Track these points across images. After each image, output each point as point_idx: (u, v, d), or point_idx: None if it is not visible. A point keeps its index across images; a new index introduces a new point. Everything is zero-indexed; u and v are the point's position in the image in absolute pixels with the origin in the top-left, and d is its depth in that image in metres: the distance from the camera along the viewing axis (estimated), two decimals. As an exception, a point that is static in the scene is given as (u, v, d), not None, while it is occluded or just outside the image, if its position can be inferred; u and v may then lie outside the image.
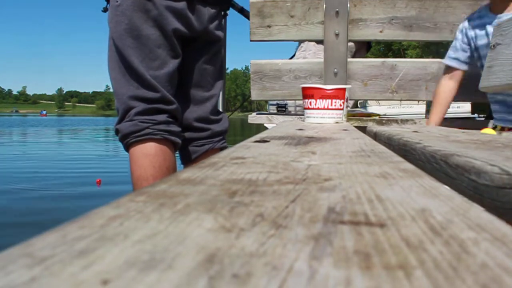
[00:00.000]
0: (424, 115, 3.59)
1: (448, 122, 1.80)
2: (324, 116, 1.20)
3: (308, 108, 1.24)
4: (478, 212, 0.23)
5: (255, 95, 1.98)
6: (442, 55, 1.92)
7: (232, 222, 0.20)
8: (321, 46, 2.09)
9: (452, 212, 0.23)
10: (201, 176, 0.34)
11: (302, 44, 2.75)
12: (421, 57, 24.79)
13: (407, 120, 1.90)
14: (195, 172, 0.36)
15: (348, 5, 1.92)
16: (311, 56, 2.58)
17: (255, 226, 0.20)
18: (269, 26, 1.96)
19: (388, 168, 0.40)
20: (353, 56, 2.75)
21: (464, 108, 9.93)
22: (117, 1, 1.44)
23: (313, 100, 1.20)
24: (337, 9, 1.90)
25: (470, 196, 0.46)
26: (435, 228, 0.20)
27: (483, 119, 2.18)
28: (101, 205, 0.22)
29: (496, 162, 0.43)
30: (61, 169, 5.63)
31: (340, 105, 1.21)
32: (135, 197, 0.25)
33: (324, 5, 1.92)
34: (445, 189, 0.30)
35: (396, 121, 1.89)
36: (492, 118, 1.76)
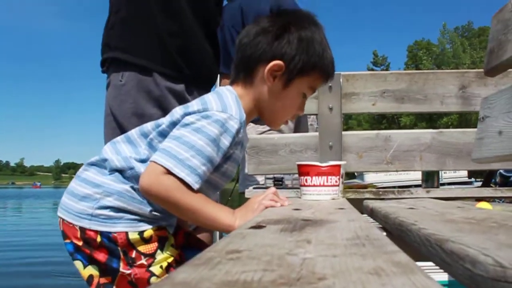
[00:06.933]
0: (420, 181, 3.64)
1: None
2: (321, 193, 1.21)
3: (305, 185, 1.25)
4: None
5: (251, 169, 1.99)
6: (434, 122, 1.97)
7: None
8: None
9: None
10: (197, 278, 0.34)
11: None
12: (415, 123, 25.30)
13: (403, 191, 1.91)
14: (190, 272, 0.36)
15: (341, 80, 1.99)
16: None
17: None
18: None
19: (382, 261, 0.40)
20: None
21: (460, 173, 9.99)
22: (121, 81, 1.49)
23: (309, 177, 1.22)
24: (330, 85, 1.97)
25: (467, 284, 0.46)
26: None
27: (479, 183, 2.20)
28: None
29: (489, 251, 0.43)
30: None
31: (336, 182, 1.22)
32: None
33: (317, 81, 1.99)
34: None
35: (393, 192, 1.90)
36: (488, 183, 1.76)
